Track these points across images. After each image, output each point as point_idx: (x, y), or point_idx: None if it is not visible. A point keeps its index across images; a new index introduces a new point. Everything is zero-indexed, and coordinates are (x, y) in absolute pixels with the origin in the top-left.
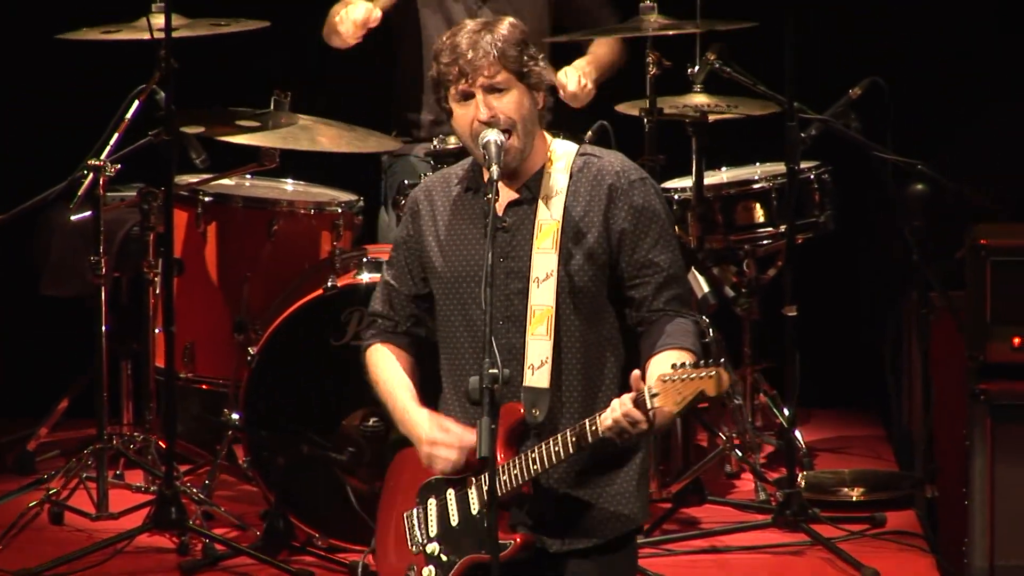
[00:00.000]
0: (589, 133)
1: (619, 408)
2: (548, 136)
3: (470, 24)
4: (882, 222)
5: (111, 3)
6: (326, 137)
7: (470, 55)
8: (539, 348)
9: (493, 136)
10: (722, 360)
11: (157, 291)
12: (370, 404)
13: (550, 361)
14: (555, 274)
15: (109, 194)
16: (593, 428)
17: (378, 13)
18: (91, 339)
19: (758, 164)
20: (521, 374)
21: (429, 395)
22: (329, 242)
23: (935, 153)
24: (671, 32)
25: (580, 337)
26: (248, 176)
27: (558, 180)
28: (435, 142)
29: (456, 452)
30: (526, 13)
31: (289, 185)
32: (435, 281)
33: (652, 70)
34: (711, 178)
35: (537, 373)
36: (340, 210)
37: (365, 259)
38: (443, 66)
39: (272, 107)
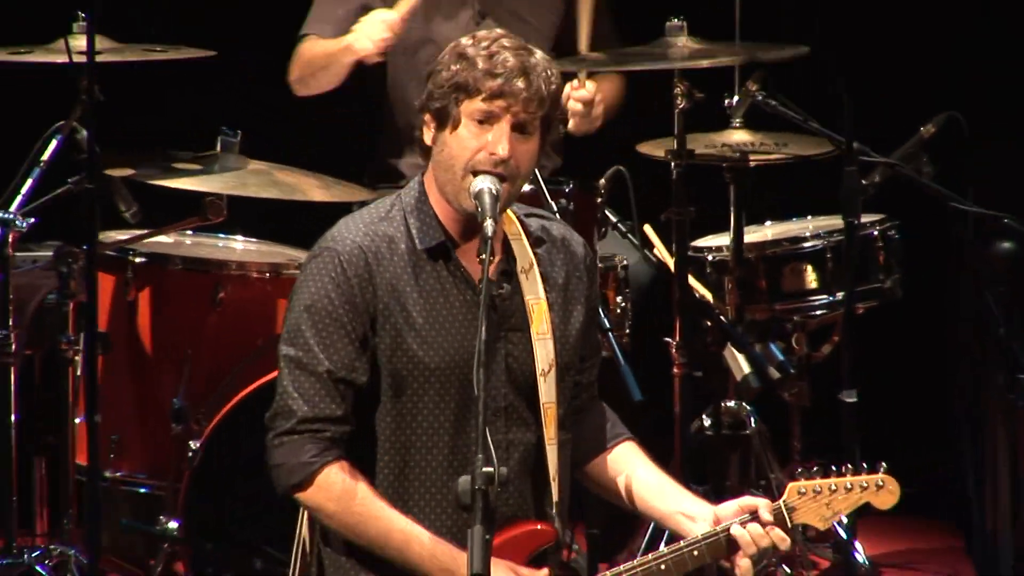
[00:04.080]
0: (603, 180)
1: (766, 538)
2: None
3: (507, 39)
4: (961, 287)
5: (24, 20)
6: (283, 185)
7: (519, 82)
8: (552, 455)
9: (488, 184)
10: (884, 466)
11: (78, 372)
12: None
13: (559, 471)
14: (554, 365)
15: (19, 254)
16: (703, 548)
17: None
18: None
19: (810, 218)
20: (547, 485)
21: None
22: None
23: None
24: (705, 63)
25: (566, 439)
26: (189, 232)
27: (524, 250)
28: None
29: None
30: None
31: (238, 243)
32: (412, 372)
33: (681, 103)
34: (753, 235)
35: (555, 484)
36: None
37: None
38: (477, 73)
39: (219, 148)
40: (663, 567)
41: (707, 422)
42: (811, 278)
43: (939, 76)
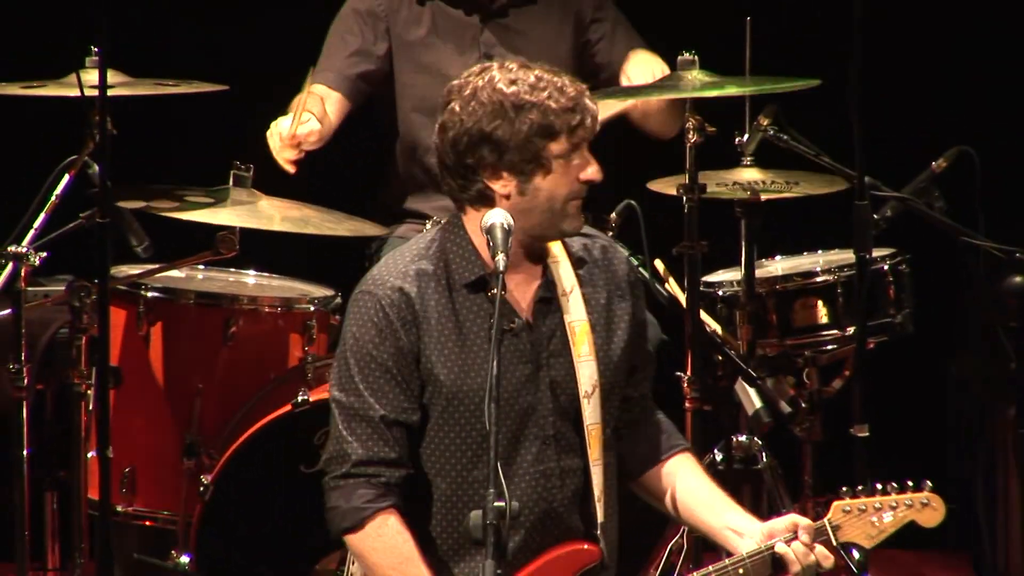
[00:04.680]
0: (614, 215)
1: (810, 555)
2: None
3: (535, 69)
4: (972, 322)
5: (37, 55)
6: (295, 219)
7: (588, 106)
8: (597, 475)
9: (500, 218)
10: (929, 484)
11: (90, 407)
12: None
13: (605, 492)
14: (599, 385)
15: (31, 288)
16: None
17: (315, 125)
18: (8, 465)
19: (820, 253)
20: (592, 506)
21: None
22: (299, 347)
23: None
24: (715, 94)
25: (612, 458)
26: (201, 267)
27: (565, 271)
28: (429, 225)
29: None
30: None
31: (251, 278)
32: (454, 408)
33: (693, 138)
34: (764, 270)
35: (600, 506)
36: (312, 308)
37: None
38: (553, 114)
39: (231, 183)
40: None
41: (718, 456)
42: (822, 313)
43: (951, 111)
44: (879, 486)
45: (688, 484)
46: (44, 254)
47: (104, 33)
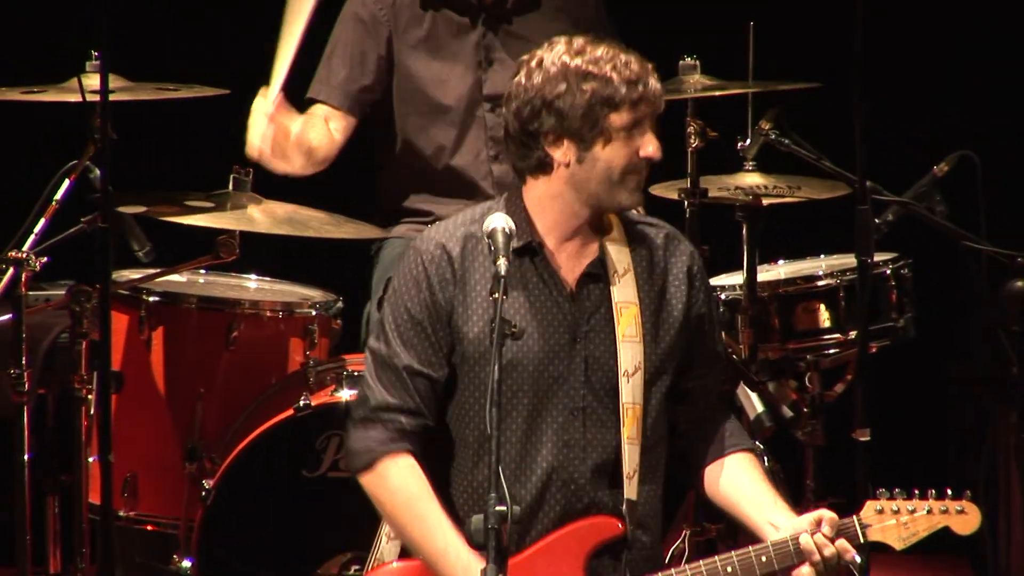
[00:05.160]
0: None
1: (830, 546)
2: None
3: (609, 45)
4: (974, 327)
5: (38, 60)
6: (295, 223)
7: (652, 84)
8: (632, 454)
9: (501, 223)
10: (968, 494)
11: (91, 411)
12: (351, 548)
13: (639, 470)
14: (642, 368)
15: (32, 293)
16: (773, 556)
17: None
18: (10, 470)
19: (823, 257)
20: (620, 483)
21: None
22: (301, 352)
23: None
24: (717, 93)
25: (656, 441)
26: (202, 271)
27: (621, 254)
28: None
29: None
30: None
31: (252, 282)
32: (468, 365)
33: (694, 142)
34: (766, 274)
35: (630, 483)
36: (314, 312)
37: (345, 372)
38: (616, 86)
39: (231, 186)
40: (729, 569)
41: None
42: (824, 317)
43: (952, 115)
44: (916, 491)
45: (739, 481)
46: (45, 259)
47: (106, 37)
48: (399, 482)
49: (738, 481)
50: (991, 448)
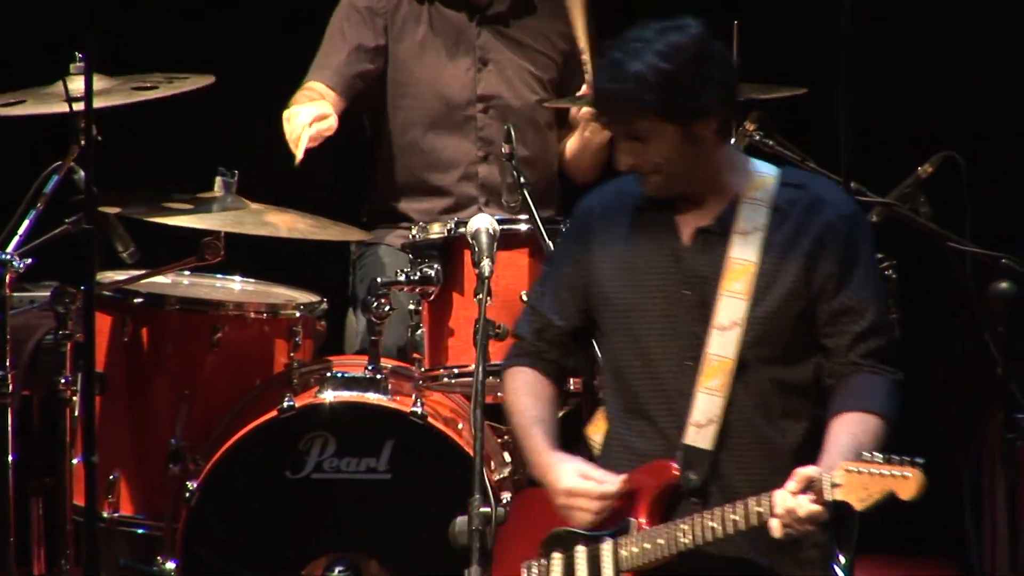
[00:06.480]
0: None
1: (791, 500)
2: (743, 161)
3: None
4: (959, 327)
5: (22, 62)
6: (280, 225)
7: (606, 103)
8: (709, 405)
9: (486, 223)
10: (919, 460)
11: (75, 413)
12: (335, 550)
13: (719, 421)
14: (742, 324)
15: (16, 294)
16: (759, 510)
17: (334, 121)
18: None
19: None
20: (682, 429)
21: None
22: (285, 353)
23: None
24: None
25: (761, 396)
26: (187, 272)
27: (757, 214)
28: (414, 230)
29: (596, 504)
30: (533, 86)
31: (236, 283)
32: (606, 312)
33: None
34: None
35: (702, 432)
36: (298, 314)
37: (329, 374)
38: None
39: (216, 188)
40: (713, 525)
41: None
42: None
43: (937, 116)
44: (895, 457)
45: (834, 438)
46: (29, 260)
47: (92, 39)
48: (516, 389)
49: (834, 438)
50: (976, 448)
